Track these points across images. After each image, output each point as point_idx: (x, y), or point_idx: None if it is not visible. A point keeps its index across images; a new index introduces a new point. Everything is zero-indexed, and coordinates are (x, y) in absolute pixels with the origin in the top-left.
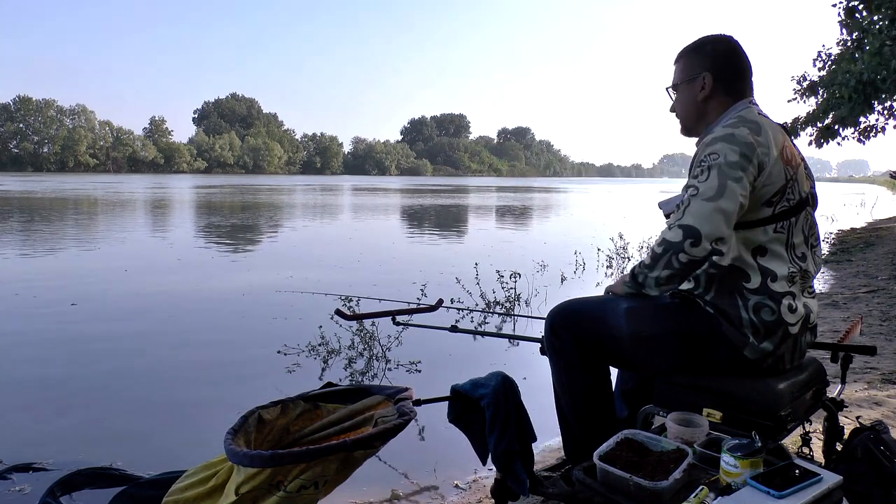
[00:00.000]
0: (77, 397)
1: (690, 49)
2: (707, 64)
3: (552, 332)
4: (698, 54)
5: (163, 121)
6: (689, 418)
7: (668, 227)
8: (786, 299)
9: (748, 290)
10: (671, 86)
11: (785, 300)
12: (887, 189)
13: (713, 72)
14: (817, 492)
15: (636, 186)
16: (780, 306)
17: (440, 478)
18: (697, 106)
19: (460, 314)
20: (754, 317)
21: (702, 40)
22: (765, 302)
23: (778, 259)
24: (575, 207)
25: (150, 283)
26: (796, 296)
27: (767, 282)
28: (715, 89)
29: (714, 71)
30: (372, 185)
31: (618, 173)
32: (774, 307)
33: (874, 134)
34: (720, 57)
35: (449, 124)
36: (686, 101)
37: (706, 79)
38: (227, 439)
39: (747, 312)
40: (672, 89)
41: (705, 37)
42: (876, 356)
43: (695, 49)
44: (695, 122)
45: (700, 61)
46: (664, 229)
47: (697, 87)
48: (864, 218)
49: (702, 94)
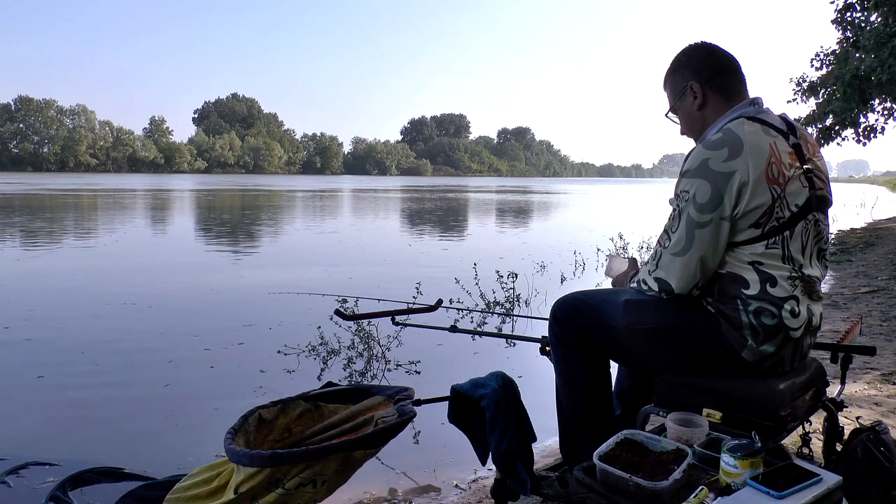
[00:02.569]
0: (75, 397)
1: (671, 69)
2: (688, 73)
3: (555, 320)
4: (678, 69)
5: (163, 121)
6: (688, 418)
7: (649, 271)
8: (788, 304)
9: (748, 295)
10: (669, 111)
11: (787, 304)
12: (887, 189)
13: (696, 78)
14: (817, 492)
15: (636, 187)
16: (781, 311)
17: (440, 478)
18: (695, 117)
19: (460, 314)
20: (754, 320)
21: (677, 56)
22: (765, 307)
23: (776, 268)
24: (575, 208)
25: (150, 283)
26: (800, 300)
27: (767, 287)
28: (706, 94)
29: (697, 77)
30: (372, 185)
31: (618, 173)
32: (776, 311)
33: (874, 135)
34: (697, 62)
35: (449, 124)
36: (685, 117)
37: (693, 87)
38: (227, 439)
39: (747, 316)
40: (672, 113)
41: (679, 52)
42: (876, 356)
43: (674, 67)
44: (700, 133)
45: (682, 74)
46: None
47: (690, 99)
48: (864, 218)
49: (696, 104)
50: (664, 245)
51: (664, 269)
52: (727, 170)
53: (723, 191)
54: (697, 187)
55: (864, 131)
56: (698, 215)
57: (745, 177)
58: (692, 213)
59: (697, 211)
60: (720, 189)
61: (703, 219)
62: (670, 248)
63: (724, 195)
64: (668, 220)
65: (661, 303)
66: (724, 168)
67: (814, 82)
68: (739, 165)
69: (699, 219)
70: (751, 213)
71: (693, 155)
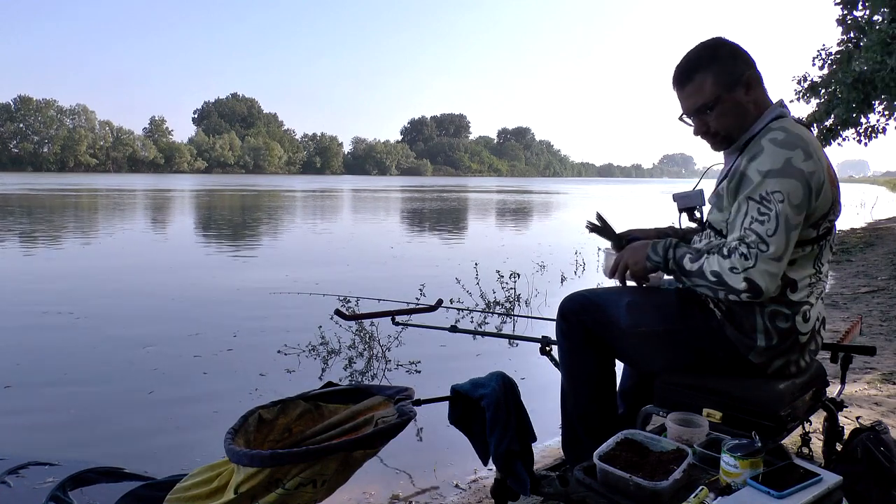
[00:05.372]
0: (75, 397)
1: (706, 61)
2: (741, 63)
3: (562, 316)
4: (724, 59)
5: (163, 121)
6: (689, 418)
7: (731, 268)
8: (802, 308)
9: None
10: (701, 107)
11: (801, 309)
12: (887, 189)
13: (754, 70)
14: (817, 492)
15: (636, 187)
16: (795, 315)
17: (440, 478)
18: (747, 110)
19: (460, 314)
20: (769, 323)
21: (708, 49)
22: (781, 310)
23: (803, 270)
24: (575, 209)
25: (150, 283)
26: (813, 305)
27: (787, 291)
28: (758, 86)
29: (753, 68)
30: (372, 185)
31: (618, 173)
32: (790, 315)
33: (875, 135)
34: (743, 54)
35: (449, 124)
36: (735, 110)
37: (750, 77)
38: (227, 439)
39: (762, 318)
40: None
41: (704, 47)
42: (876, 356)
43: (712, 57)
44: (741, 130)
45: (732, 64)
46: (721, 258)
47: (742, 91)
48: (864, 218)
49: (750, 96)
50: (762, 249)
51: (761, 274)
52: (810, 169)
53: (810, 190)
54: (791, 188)
55: (865, 131)
56: (795, 217)
57: (823, 177)
58: (790, 216)
59: (795, 213)
60: (810, 188)
61: (798, 220)
62: (770, 253)
63: (811, 194)
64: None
65: (664, 305)
66: (807, 168)
67: (815, 82)
68: (816, 166)
69: (795, 221)
70: (816, 213)
71: (767, 154)
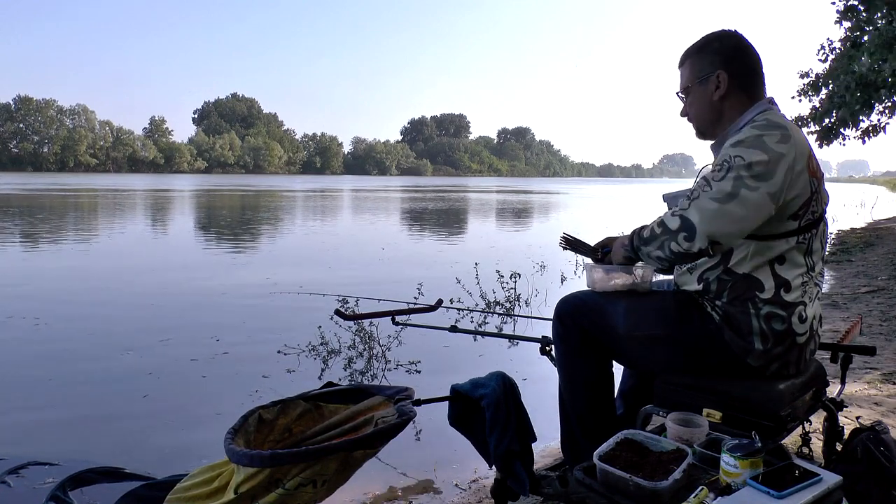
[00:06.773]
0: (76, 396)
1: (697, 48)
2: (718, 61)
3: (558, 319)
4: (707, 52)
5: (163, 121)
6: (688, 418)
7: (672, 213)
8: (797, 309)
9: (761, 299)
10: (681, 90)
11: (797, 310)
12: (887, 189)
13: (726, 68)
14: (817, 492)
15: (636, 187)
16: (790, 316)
17: (440, 478)
18: (713, 106)
19: (460, 314)
20: (765, 325)
21: (708, 38)
22: (776, 311)
23: (794, 268)
24: (575, 209)
25: (150, 283)
26: (808, 306)
27: (781, 292)
28: (730, 87)
29: (727, 67)
30: (372, 185)
31: (618, 173)
32: (785, 317)
33: (875, 133)
34: (731, 53)
35: (449, 124)
36: (700, 102)
37: (720, 76)
38: (227, 439)
39: (758, 321)
40: (683, 93)
41: (710, 34)
42: (876, 356)
43: (702, 47)
44: (711, 124)
45: (710, 59)
46: (667, 213)
47: (712, 87)
48: (864, 218)
49: (717, 94)
50: (704, 189)
51: (696, 210)
52: (781, 150)
53: (775, 168)
54: (752, 155)
55: (866, 130)
56: (749, 178)
57: (794, 162)
58: (743, 173)
59: (749, 174)
60: (775, 164)
61: (752, 184)
62: (711, 193)
63: (776, 172)
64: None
65: (661, 309)
66: (779, 148)
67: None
68: (790, 150)
69: (749, 182)
70: (792, 203)
71: (743, 133)
